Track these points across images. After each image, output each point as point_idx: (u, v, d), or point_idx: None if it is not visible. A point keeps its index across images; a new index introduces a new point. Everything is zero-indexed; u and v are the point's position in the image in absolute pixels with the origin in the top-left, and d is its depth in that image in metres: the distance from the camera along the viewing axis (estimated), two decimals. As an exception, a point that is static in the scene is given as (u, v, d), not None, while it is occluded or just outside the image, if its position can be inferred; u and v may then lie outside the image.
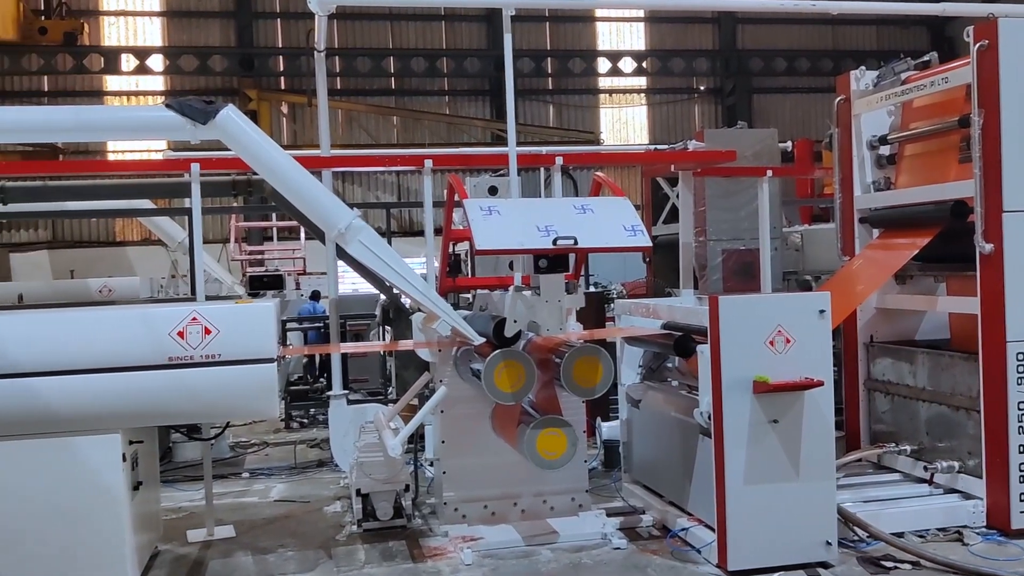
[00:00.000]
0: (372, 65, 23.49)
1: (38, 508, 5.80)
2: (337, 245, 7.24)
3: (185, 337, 5.79)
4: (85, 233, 22.40)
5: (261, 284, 14.98)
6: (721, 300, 6.19)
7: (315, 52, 8.50)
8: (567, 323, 6.63)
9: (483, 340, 6.59)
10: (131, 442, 6.09)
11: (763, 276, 8.55)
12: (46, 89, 22.19)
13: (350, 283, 14.53)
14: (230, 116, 6.24)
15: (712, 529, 6.35)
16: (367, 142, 23.00)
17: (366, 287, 10.27)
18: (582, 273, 8.24)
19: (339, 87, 22.84)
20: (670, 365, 7.75)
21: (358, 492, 7.42)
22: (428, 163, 7.90)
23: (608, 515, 7.34)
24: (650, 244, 6.35)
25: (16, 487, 5.77)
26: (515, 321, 6.38)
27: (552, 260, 6.17)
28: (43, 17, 21.10)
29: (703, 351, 6.28)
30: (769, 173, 8.70)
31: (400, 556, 6.78)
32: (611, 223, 6.21)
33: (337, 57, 22.19)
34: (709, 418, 6.21)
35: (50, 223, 21.69)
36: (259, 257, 18.13)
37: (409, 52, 23.86)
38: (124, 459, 5.90)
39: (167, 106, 6.24)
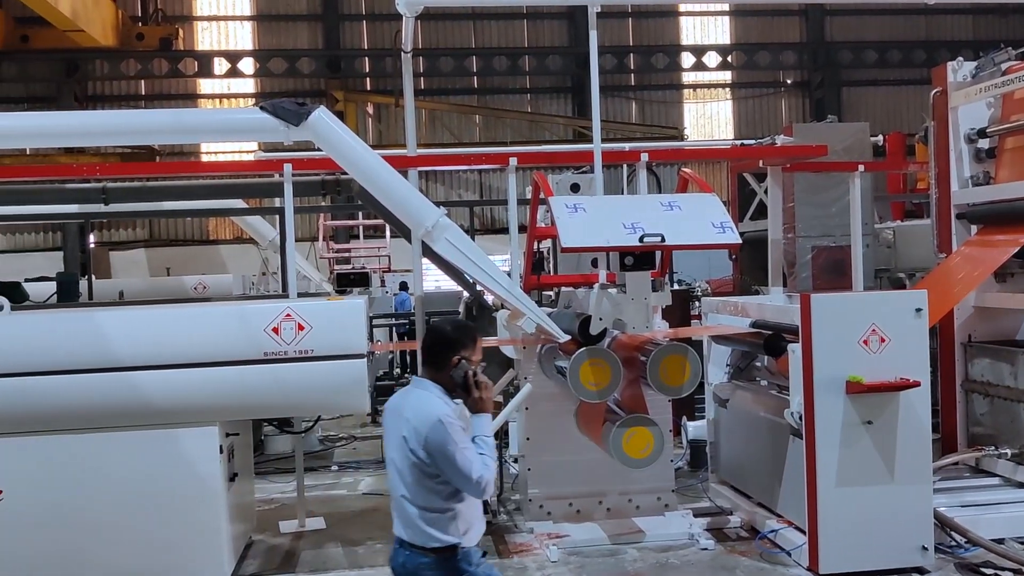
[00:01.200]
0: (455, 65, 23.70)
1: (139, 497, 6.02)
2: (423, 243, 7.34)
3: (280, 333, 5.94)
4: (180, 232, 23.15)
5: (348, 281, 15.23)
6: (813, 298, 6.07)
7: (402, 53, 8.60)
8: (653, 321, 6.59)
9: (568, 338, 6.60)
10: (228, 434, 6.29)
11: (855, 273, 8.33)
12: (143, 93, 23.00)
13: (432, 280, 14.67)
14: (321, 118, 6.37)
15: (803, 531, 6.24)
16: (450, 141, 23.19)
17: (448, 284, 10.38)
18: (668, 270, 8.15)
19: (423, 87, 23.11)
20: (759, 364, 7.63)
21: (445, 486, 7.50)
22: (512, 161, 7.90)
23: (695, 515, 7.29)
24: (739, 241, 6.26)
25: (118, 477, 6.00)
26: (600, 319, 6.38)
27: (638, 257, 6.13)
28: (140, 23, 21.88)
29: (794, 350, 6.16)
30: (861, 168, 8.48)
31: (487, 551, 6.82)
32: (699, 220, 6.14)
33: (421, 57, 22.46)
34: (800, 418, 6.10)
35: (147, 222, 22.46)
36: (346, 255, 18.48)
37: (491, 51, 23.99)
38: (221, 451, 6.09)
39: (261, 108, 6.41)
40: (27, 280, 13.64)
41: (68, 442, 5.93)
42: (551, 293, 9.17)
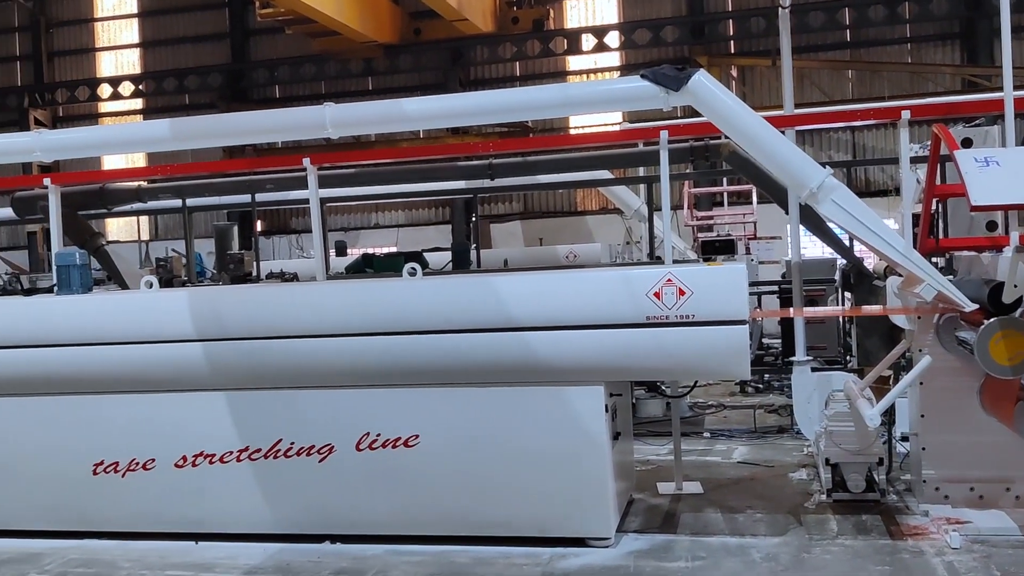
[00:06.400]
0: (825, 19, 22.40)
1: (532, 448, 6.44)
2: (800, 207, 7.04)
3: (661, 298, 6.02)
4: (551, 204, 24.37)
5: (713, 249, 15.09)
6: None
7: (780, 9, 8.30)
8: (1082, 289, 5.78)
9: (975, 307, 6.01)
10: (611, 395, 6.52)
11: None
12: (517, 74, 24.41)
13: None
14: (701, 81, 6.34)
15: None
16: (819, 99, 22.01)
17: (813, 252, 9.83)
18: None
19: (791, 44, 22.10)
20: None
21: (827, 461, 7.21)
22: (905, 115, 7.30)
23: None
24: None
25: (515, 428, 6.46)
26: (1015, 286, 5.71)
27: (1065, 216, 5.39)
28: (515, 8, 23.22)
29: None
30: None
31: (876, 531, 6.47)
32: None
33: (791, 14, 21.46)
34: None
35: (522, 196, 23.90)
36: (709, 223, 18.32)
37: (867, 0, 22.33)
38: (607, 410, 6.34)
39: (642, 76, 6.50)
40: (424, 251, 15.18)
41: (472, 395, 6.51)
42: (937, 259, 8.41)
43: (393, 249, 20.30)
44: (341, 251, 18.68)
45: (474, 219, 18.06)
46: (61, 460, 7.19)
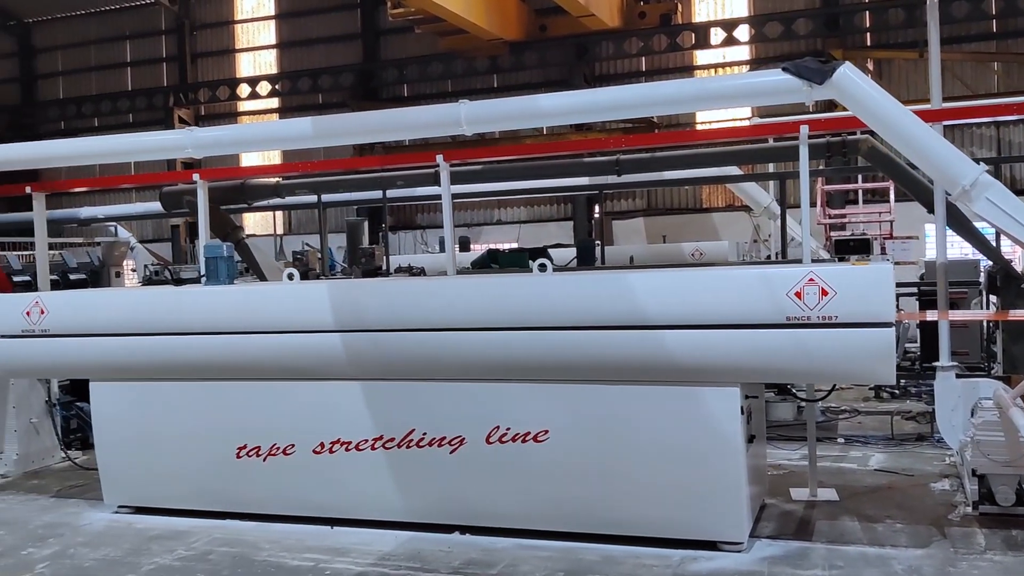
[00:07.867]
0: (970, 9, 21.30)
1: (663, 449, 6.37)
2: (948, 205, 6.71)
3: (802, 298, 5.85)
4: (676, 201, 24.02)
5: (847, 248, 14.58)
6: None
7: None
8: None
9: None
10: (746, 396, 6.37)
11: None
12: (643, 69, 24.12)
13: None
14: (847, 74, 6.15)
15: None
16: (962, 93, 20.94)
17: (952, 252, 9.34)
18: None
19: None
20: None
21: (973, 472, 6.88)
22: (1066, 108, 6.90)
23: None
24: None
25: (646, 428, 6.40)
26: None
27: None
28: (642, 3, 22.96)
29: None
30: None
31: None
32: None
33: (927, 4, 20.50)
34: None
35: (645, 193, 23.60)
36: (842, 221, 17.72)
37: (1018, -12, 21.14)
38: (742, 412, 6.20)
39: (783, 69, 6.34)
40: (547, 247, 15.24)
41: (603, 392, 6.47)
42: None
43: (515, 245, 20.47)
44: (465, 246, 18.98)
45: (598, 215, 18.05)
46: (207, 443, 7.55)
